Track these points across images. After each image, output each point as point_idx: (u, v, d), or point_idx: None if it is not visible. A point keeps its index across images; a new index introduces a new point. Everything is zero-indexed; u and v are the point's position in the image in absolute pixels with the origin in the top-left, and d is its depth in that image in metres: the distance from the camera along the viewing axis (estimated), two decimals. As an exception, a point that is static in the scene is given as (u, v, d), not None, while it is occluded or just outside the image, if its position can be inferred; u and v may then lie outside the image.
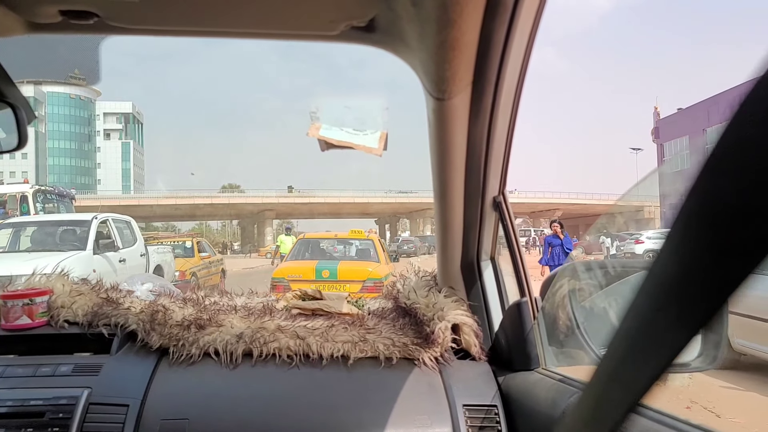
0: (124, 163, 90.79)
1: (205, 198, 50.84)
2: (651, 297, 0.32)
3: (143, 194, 65.24)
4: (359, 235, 9.25)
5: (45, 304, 1.44)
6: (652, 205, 17.46)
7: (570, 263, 1.73)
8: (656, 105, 38.38)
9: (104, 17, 0.94)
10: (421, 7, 0.81)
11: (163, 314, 1.40)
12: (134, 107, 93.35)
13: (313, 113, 1.26)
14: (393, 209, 54.12)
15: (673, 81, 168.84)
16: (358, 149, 1.26)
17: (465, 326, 1.39)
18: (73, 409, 1.17)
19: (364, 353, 1.33)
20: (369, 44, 1.05)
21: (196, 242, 14.31)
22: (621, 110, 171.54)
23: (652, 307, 0.32)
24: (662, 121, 34.83)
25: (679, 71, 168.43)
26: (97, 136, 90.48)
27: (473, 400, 1.26)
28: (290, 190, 56.08)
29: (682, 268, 0.30)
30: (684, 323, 0.29)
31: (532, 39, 0.95)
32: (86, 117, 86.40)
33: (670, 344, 0.30)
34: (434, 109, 1.09)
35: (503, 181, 1.33)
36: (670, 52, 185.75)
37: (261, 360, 1.32)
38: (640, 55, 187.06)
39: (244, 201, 50.89)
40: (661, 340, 0.30)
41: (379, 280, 7.03)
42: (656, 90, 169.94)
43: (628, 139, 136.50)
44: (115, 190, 77.94)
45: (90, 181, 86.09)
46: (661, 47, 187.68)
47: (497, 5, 0.82)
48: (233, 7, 0.94)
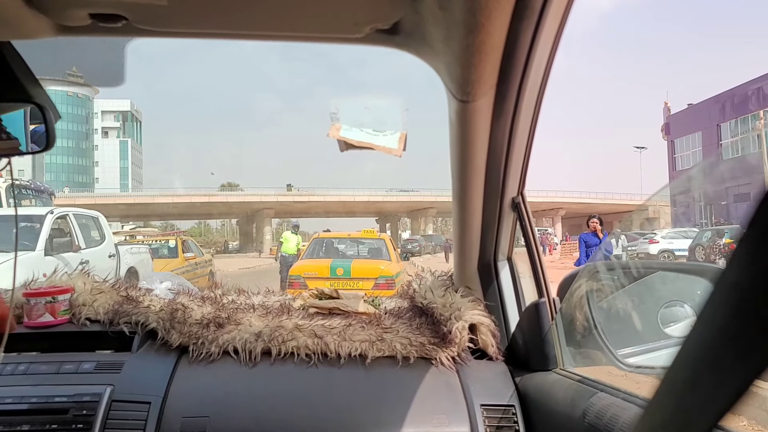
0: (122, 161, 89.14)
1: (203, 197, 49.83)
2: (734, 298, 0.30)
3: (141, 193, 64.45)
4: (371, 234, 9.83)
5: (67, 302, 1.46)
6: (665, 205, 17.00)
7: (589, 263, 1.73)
8: (666, 101, 37.28)
9: (132, 20, 0.95)
10: (448, 11, 0.82)
11: (183, 313, 1.42)
12: (132, 105, 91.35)
13: (334, 114, 1.27)
14: (394, 208, 53.56)
15: (679, 78, 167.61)
16: (378, 150, 1.26)
17: (482, 326, 1.40)
18: (97, 406, 1.18)
19: (382, 352, 1.34)
20: (392, 47, 1.06)
21: (180, 241, 13.37)
22: (625, 108, 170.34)
23: (733, 309, 0.30)
24: (673, 117, 34.18)
25: (685, 68, 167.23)
26: (95, 134, 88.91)
27: (491, 399, 1.27)
28: (289, 189, 55.14)
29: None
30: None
31: (557, 41, 0.96)
32: (84, 115, 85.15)
33: (755, 354, 0.28)
34: (457, 110, 1.10)
35: (522, 181, 1.34)
36: (675, 48, 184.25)
37: (279, 358, 1.33)
38: (645, 50, 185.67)
39: (243, 200, 50.21)
40: (744, 349, 0.28)
41: (391, 278, 7.40)
42: (661, 87, 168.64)
43: (632, 137, 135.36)
44: (113, 188, 76.21)
45: (87, 180, 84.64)
46: (666, 43, 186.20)
47: (524, 9, 0.83)
48: (259, 10, 0.95)
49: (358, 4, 0.92)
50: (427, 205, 49.66)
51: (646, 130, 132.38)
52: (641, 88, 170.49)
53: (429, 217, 52.24)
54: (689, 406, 0.32)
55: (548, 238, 32.24)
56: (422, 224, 52.26)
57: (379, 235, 9.77)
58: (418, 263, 16.78)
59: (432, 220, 54.71)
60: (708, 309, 0.31)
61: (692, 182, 13.46)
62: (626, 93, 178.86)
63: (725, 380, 0.29)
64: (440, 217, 60.79)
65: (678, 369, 0.33)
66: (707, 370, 0.31)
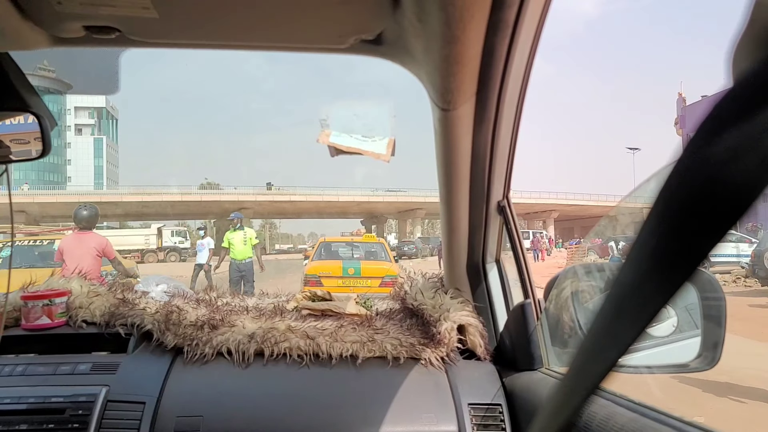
0: (97, 159, 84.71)
1: (177, 195, 45.74)
2: (613, 295, 0.36)
3: (104, 191, 60.00)
4: (372, 239, 11.29)
5: (64, 304, 1.49)
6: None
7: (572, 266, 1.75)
8: (681, 91, 34.71)
9: (125, 32, 0.99)
10: (426, 23, 0.85)
11: (178, 315, 1.44)
12: (108, 102, 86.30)
13: (323, 120, 1.30)
14: (381, 209, 50.99)
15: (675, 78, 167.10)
16: (366, 155, 1.30)
17: (470, 327, 1.43)
18: (92, 406, 1.21)
19: (373, 353, 1.37)
20: (377, 56, 1.09)
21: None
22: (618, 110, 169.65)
23: (614, 306, 0.36)
24: (690, 108, 32.04)
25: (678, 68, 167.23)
26: (68, 132, 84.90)
27: (478, 398, 1.29)
28: (269, 188, 52.22)
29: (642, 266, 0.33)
30: (636, 320, 0.33)
31: (533, 52, 0.99)
32: (56, 111, 79.48)
33: (623, 339, 0.34)
34: (440, 118, 1.13)
35: (507, 185, 1.37)
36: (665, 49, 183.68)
37: (272, 359, 1.36)
38: (634, 53, 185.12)
39: (219, 199, 46.22)
40: (616, 336, 0.35)
41: (394, 277, 8.16)
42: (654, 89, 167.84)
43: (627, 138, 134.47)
44: (86, 185, 71.30)
45: (59, 179, 79.74)
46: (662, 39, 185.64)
47: (498, 22, 0.86)
48: (247, 21, 0.98)
49: (343, 16, 0.95)
50: (416, 206, 47.46)
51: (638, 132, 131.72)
52: (639, 85, 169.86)
53: (416, 219, 49.91)
54: (581, 376, 0.41)
55: (540, 242, 28.00)
56: (409, 226, 49.94)
57: (378, 239, 10.98)
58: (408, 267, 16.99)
59: (420, 223, 52.01)
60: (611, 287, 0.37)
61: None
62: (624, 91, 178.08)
63: (612, 347, 0.36)
64: (428, 218, 57.57)
65: (584, 339, 0.40)
66: (594, 351, 0.39)
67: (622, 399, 0.90)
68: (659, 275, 0.31)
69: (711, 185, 0.28)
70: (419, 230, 50.02)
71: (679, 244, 0.30)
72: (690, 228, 0.29)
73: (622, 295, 0.35)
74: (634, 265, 0.34)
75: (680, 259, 0.30)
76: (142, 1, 0.87)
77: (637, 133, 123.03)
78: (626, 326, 0.34)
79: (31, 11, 0.91)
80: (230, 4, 0.91)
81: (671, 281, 0.31)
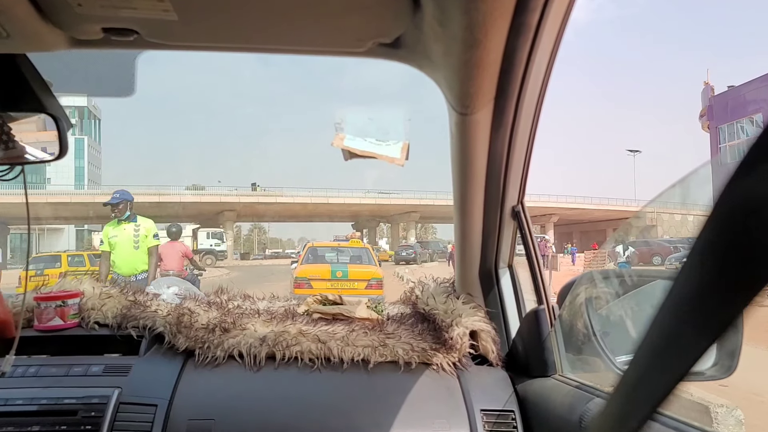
0: (78, 161, 78.59)
1: (152, 196, 38.75)
2: (674, 308, 0.34)
3: (85, 191, 52.61)
4: (358, 244, 11.98)
5: (76, 306, 1.49)
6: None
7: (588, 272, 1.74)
8: (707, 80, 29.89)
9: (144, 34, 0.99)
10: (447, 27, 0.84)
11: (189, 317, 1.44)
12: (90, 101, 78.19)
13: (338, 124, 1.30)
14: (371, 211, 47.44)
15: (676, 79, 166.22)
16: (380, 159, 1.29)
17: (483, 332, 1.42)
18: (105, 408, 1.21)
19: (384, 357, 1.36)
20: (394, 60, 1.09)
21: None
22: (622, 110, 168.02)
23: (674, 318, 0.34)
24: (717, 98, 28.13)
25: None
26: None
27: (491, 405, 1.29)
28: (254, 188, 48.36)
29: (704, 279, 0.31)
30: (702, 332, 0.31)
31: (554, 55, 0.99)
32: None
33: (689, 354, 0.32)
34: (457, 123, 1.13)
35: (522, 190, 1.36)
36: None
37: (283, 363, 1.35)
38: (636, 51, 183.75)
39: (200, 200, 42.19)
40: (680, 350, 0.33)
41: (380, 279, 9.13)
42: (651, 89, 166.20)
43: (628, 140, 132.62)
44: (67, 185, 65.23)
45: (38, 179, 72.48)
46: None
47: (521, 26, 0.85)
48: (265, 24, 0.98)
49: (362, 20, 0.95)
50: (410, 208, 44.47)
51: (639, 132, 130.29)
52: (642, 85, 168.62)
53: (410, 222, 46.61)
54: (636, 397, 0.38)
55: (548, 247, 24.48)
56: (401, 230, 46.93)
57: (363, 245, 11.93)
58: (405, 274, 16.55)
59: (414, 226, 48.91)
60: (659, 313, 0.35)
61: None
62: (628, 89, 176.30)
63: (664, 376, 0.34)
64: (421, 223, 54.47)
65: (631, 366, 0.38)
66: (651, 368, 0.36)
67: (666, 418, 0.86)
68: (725, 288, 0.29)
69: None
70: (413, 234, 47.33)
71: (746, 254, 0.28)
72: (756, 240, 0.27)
73: (682, 309, 0.33)
74: (695, 277, 0.32)
75: (747, 275, 0.28)
76: (163, 4, 0.87)
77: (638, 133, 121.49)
78: (690, 342, 0.32)
79: (51, 13, 0.91)
80: (249, 7, 0.91)
81: (740, 291, 0.29)
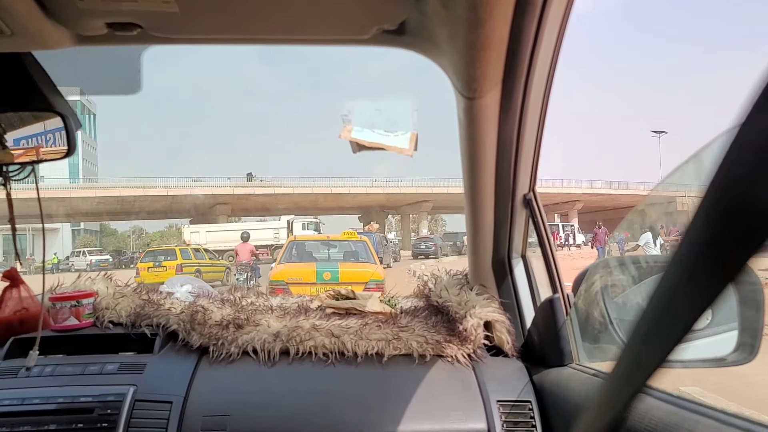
0: (72, 157, 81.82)
1: (137, 189, 36.80)
2: (670, 276, 0.35)
3: (79, 184, 48.99)
4: (353, 236, 9.29)
5: (91, 305, 1.51)
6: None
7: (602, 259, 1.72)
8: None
9: (147, 28, 0.99)
10: (451, 9, 0.83)
11: (203, 314, 1.44)
12: (83, 95, 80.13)
13: (345, 116, 1.29)
14: (379, 202, 43.26)
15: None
16: (389, 150, 1.28)
17: (497, 323, 1.40)
18: (120, 406, 1.21)
19: (398, 350, 1.35)
20: (399, 47, 1.08)
21: None
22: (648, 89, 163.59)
23: (670, 287, 0.35)
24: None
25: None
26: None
27: (507, 395, 1.27)
28: (250, 179, 44.17)
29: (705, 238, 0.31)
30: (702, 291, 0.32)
31: (561, 35, 0.97)
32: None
33: (682, 321, 0.34)
34: (465, 108, 1.11)
35: (533, 178, 1.34)
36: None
37: (298, 358, 1.35)
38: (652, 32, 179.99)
39: (190, 193, 38.54)
40: (674, 318, 0.34)
41: (381, 282, 7.02)
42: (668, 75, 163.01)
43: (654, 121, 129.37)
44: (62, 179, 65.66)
45: (30, 178, 75.22)
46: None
47: (527, 3, 0.84)
48: (268, 15, 0.98)
49: (365, 6, 0.94)
50: (422, 197, 40.89)
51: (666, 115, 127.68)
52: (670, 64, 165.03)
53: (422, 213, 42.71)
54: (624, 376, 0.40)
55: (600, 234, 20.04)
56: (412, 222, 43.58)
57: (360, 237, 9.21)
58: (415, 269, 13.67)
59: (426, 217, 44.75)
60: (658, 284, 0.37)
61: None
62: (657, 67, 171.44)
63: (651, 354, 0.36)
64: (431, 215, 50.09)
65: (630, 339, 0.40)
66: (645, 341, 0.38)
67: (659, 392, 0.87)
68: (707, 273, 0.31)
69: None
70: (425, 226, 44.07)
71: (728, 239, 0.29)
72: (741, 222, 0.28)
73: (668, 294, 0.35)
74: (681, 263, 0.33)
75: (729, 254, 0.29)
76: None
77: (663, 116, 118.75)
78: (673, 324, 0.34)
79: (54, 10, 0.91)
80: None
81: (718, 278, 0.30)
